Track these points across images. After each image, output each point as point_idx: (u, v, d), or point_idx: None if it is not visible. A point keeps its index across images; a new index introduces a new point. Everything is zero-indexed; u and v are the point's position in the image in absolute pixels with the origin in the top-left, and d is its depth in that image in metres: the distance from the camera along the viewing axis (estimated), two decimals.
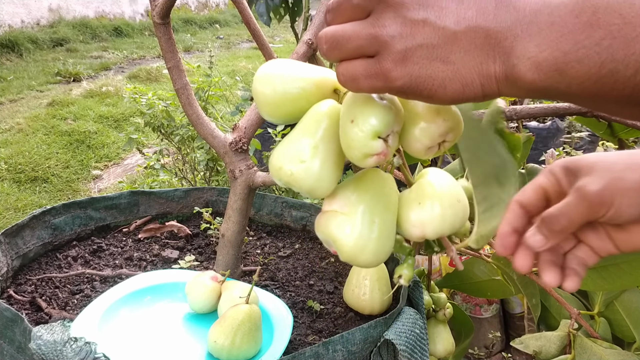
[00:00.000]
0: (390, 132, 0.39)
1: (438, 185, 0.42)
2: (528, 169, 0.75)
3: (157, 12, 0.73)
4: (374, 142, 0.38)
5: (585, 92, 0.31)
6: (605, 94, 0.30)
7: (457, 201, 0.42)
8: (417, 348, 0.65)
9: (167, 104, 1.73)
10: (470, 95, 0.34)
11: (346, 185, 0.43)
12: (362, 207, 0.41)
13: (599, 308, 0.72)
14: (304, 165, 0.41)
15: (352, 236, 0.41)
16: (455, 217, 0.41)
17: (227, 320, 0.62)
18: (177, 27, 8.31)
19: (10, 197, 2.69)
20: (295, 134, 0.42)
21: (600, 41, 0.29)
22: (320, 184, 0.41)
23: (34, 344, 0.54)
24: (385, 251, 0.42)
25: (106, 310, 0.69)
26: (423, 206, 0.41)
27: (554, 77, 0.31)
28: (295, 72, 0.43)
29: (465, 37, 0.32)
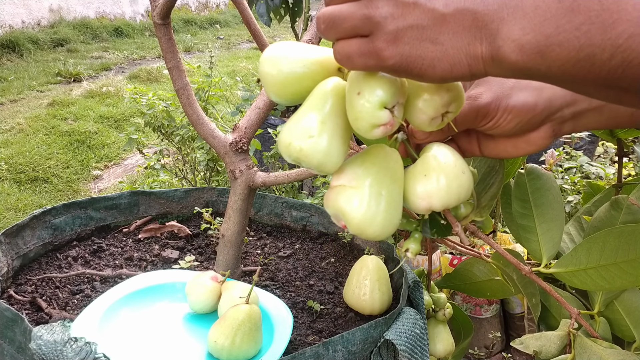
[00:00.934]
0: (396, 103, 0.40)
1: (443, 157, 0.43)
2: (528, 169, 0.75)
3: (157, 13, 0.73)
4: (381, 113, 0.39)
5: (565, 74, 0.32)
6: (583, 77, 0.32)
7: (461, 172, 0.43)
8: (417, 348, 0.65)
9: (168, 104, 1.73)
10: (458, 74, 0.36)
11: (353, 161, 0.44)
12: (369, 180, 0.42)
13: (599, 308, 0.72)
14: (313, 140, 0.42)
15: (360, 208, 0.42)
16: (461, 187, 0.42)
17: (227, 321, 0.62)
18: (177, 27, 8.31)
19: (10, 197, 2.69)
20: (303, 111, 0.43)
21: (580, 26, 0.31)
22: (328, 158, 0.42)
23: (34, 344, 0.54)
24: (393, 223, 0.43)
25: (106, 310, 0.69)
26: (429, 178, 0.42)
27: (536, 59, 0.32)
28: (300, 52, 0.45)
29: (454, 19, 0.34)
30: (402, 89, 0.40)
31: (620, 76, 0.31)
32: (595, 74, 0.31)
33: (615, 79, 0.31)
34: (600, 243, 0.61)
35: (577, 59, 0.31)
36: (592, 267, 0.62)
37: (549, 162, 1.75)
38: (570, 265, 0.64)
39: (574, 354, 0.68)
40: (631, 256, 0.59)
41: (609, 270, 0.61)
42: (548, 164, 1.76)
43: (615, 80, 0.31)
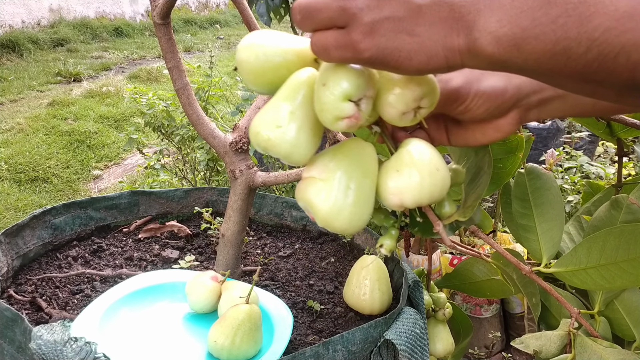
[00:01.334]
0: (363, 97, 0.39)
1: (417, 153, 0.42)
2: (527, 169, 0.75)
3: (157, 13, 0.73)
4: (345, 105, 0.39)
5: (541, 67, 0.32)
6: (559, 70, 0.32)
7: (436, 170, 0.41)
8: (417, 348, 0.65)
9: (168, 104, 1.73)
10: (435, 66, 0.35)
11: (326, 153, 0.44)
12: (339, 173, 0.42)
13: (599, 307, 0.72)
14: (281, 130, 0.41)
15: (327, 201, 0.41)
16: (434, 186, 0.41)
17: (227, 320, 0.62)
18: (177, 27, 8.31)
19: (10, 197, 2.69)
20: (274, 100, 0.43)
21: (556, 19, 0.30)
22: (296, 149, 0.42)
23: (34, 344, 0.54)
24: (362, 218, 0.43)
25: (106, 310, 0.69)
26: (401, 174, 0.41)
27: (512, 52, 0.32)
28: (277, 41, 0.44)
29: (430, 10, 0.34)
30: (370, 82, 0.39)
31: (595, 70, 0.31)
32: (571, 67, 0.31)
33: (591, 72, 0.31)
34: (601, 242, 0.61)
35: (553, 52, 0.31)
36: (593, 266, 0.62)
37: (549, 162, 1.75)
38: (571, 265, 0.64)
39: (574, 354, 0.68)
40: (631, 255, 0.59)
41: (609, 270, 0.61)
42: (548, 163, 1.76)
43: (590, 74, 0.31)
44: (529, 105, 0.46)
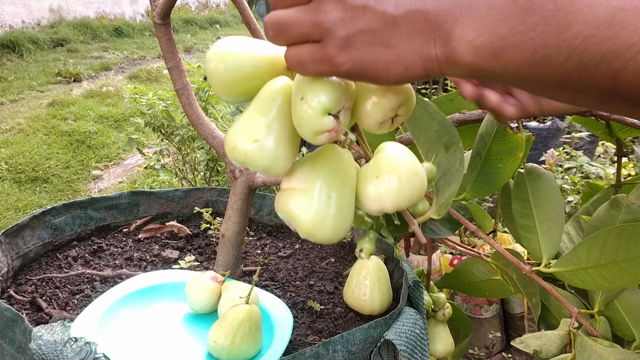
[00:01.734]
0: (341, 109, 0.38)
1: (395, 158, 0.42)
2: (527, 169, 0.75)
3: (157, 13, 0.73)
4: (324, 119, 0.38)
5: (520, 75, 0.32)
6: (539, 78, 0.31)
7: (414, 174, 0.41)
8: (417, 348, 0.65)
9: (168, 104, 1.73)
10: (414, 76, 0.35)
11: (303, 163, 0.43)
12: (319, 183, 0.41)
13: (599, 307, 0.72)
14: (258, 144, 0.40)
15: (309, 212, 0.41)
16: (413, 190, 0.41)
17: (227, 321, 0.62)
18: (177, 27, 8.31)
19: (10, 197, 2.70)
20: (249, 112, 0.42)
21: (535, 27, 0.30)
22: (275, 162, 0.41)
23: (34, 344, 0.54)
24: (344, 226, 0.42)
25: (106, 311, 0.69)
26: (380, 180, 0.41)
27: (491, 61, 0.32)
28: (248, 49, 0.43)
29: (405, 21, 0.33)
30: (347, 93, 0.39)
31: (576, 78, 0.30)
32: (551, 75, 0.31)
33: (571, 80, 0.31)
34: (601, 242, 0.61)
35: (532, 61, 0.31)
36: (593, 266, 0.62)
37: (549, 162, 1.75)
38: (571, 265, 0.64)
39: (574, 353, 0.68)
40: (631, 255, 0.59)
41: (609, 270, 0.61)
42: (548, 164, 1.76)
43: (571, 82, 0.31)
44: None
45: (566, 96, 0.33)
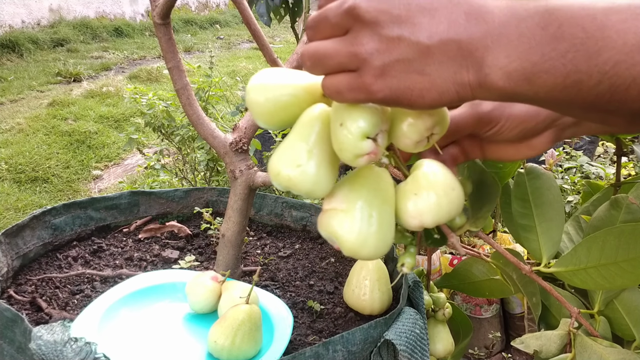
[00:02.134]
0: (379, 132, 0.40)
1: (432, 175, 0.43)
2: (527, 169, 0.75)
3: (157, 13, 0.73)
4: (364, 143, 0.40)
5: (553, 99, 0.33)
6: (571, 101, 0.33)
7: (451, 189, 0.43)
8: (417, 348, 0.65)
9: (168, 104, 1.73)
10: (447, 101, 0.36)
11: (343, 183, 0.45)
12: (360, 202, 0.43)
13: (599, 307, 0.72)
14: (301, 169, 0.42)
15: (352, 232, 0.42)
16: (451, 204, 0.43)
17: (227, 321, 0.62)
18: (177, 27, 8.31)
19: (10, 197, 2.70)
20: (290, 139, 0.44)
21: (565, 53, 0.31)
22: (318, 186, 0.43)
23: (34, 344, 0.54)
24: (386, 243, 0.44)
25: (106, 311, 0.69)
26: (419, 196, 0.42)
27: (524, 86, 0.33)
28: (285, 80, 0.45)
29: (439, 50, 0.34)
30: (384, 116, 0.41)
31: (608, 100, 0.32)
32: (583, 98, 0.32)
33: (603, 103, 0.32)
34: (600, 242, 0.61)
35: (564, 85, 0.32)
36: (592, 266, 0.62)
37: (549, 162, 1.75)
38: (571, 265, 0.64)
39: (574, 353, 0.68)
40: (631, 255, 0.59)
41: (610, 270, 0.61)
42: (548, 164, 1.76)
43: (602, 104, 0.32)
44: (565, 124, 0.47)
45: (597, 117, 0.34)
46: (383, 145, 0.41)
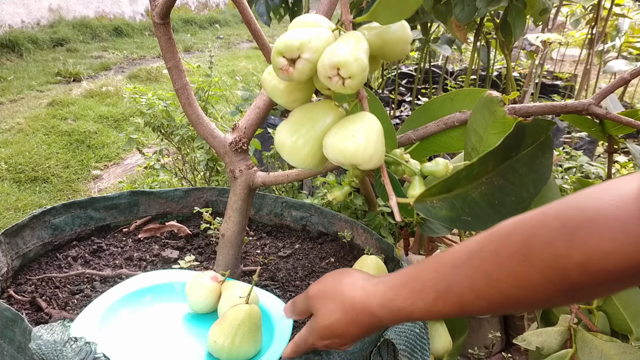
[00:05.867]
0: (297, 57, 0.50)
1: (350, 120, 0.51)
2: None
3: (157, 12, 0.73)
4: (278, 58, 0.50)
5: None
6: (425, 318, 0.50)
7: (352, 136, 0.50)
8: (417, 347, 0.65)
9: (167, 104, 1.73)
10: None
11: (303, 107, 0.56)
12: (297, 123, 0.55)
13: (598, 302, 0.73)
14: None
15: (288, 141, 0.55)
16: (346, 150, 0.50)
17: (227, 320, 0.62)
18: (177, 27, 8.31)
19: (10, 197, 2.69)
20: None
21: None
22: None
23: (34, 344, 0.54)
24: (315, 160, 0.55)
25: (106, 311, 0.69)
26: (334, 134, 0.51)
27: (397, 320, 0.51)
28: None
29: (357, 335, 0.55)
30: (303, 46, 0.49)
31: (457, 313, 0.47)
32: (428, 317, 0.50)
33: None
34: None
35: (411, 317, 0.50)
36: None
37: None
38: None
39: (575, 348, 0.68)
40: None
41: None
42: None
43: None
44: None
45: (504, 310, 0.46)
46: (302, 69, 0.50)
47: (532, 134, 0.59)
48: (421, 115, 0.80)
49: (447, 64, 3.40)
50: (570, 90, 2.94)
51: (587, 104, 0.70)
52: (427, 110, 0.79)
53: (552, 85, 3.00)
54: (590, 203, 0.38)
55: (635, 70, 0.71)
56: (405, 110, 2.68)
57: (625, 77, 0.71)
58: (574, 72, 3.26)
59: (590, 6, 2.51)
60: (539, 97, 2.75)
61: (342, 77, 0.48)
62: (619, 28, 2.81)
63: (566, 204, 0.40)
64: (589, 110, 0.70)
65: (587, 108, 0.70)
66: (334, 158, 0.52)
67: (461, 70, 3.40)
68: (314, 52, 0.49)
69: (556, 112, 0.73)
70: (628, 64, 2.18)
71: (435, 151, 0.79)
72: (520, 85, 2.90)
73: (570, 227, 0.38)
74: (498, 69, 3.11)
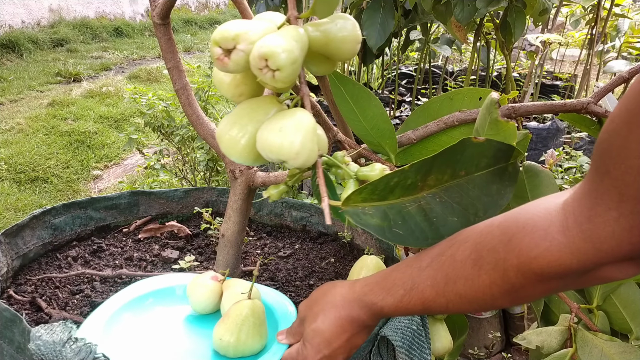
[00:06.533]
0: (232, 48, 0.49)
1: (279, 116, 0.51)
2: (526, 167, 0.75)
3: (157, 13, 0.73)
4: (214, 48, 0.50)
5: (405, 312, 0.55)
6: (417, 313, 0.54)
7: (278, 130, 0.49)
8: (415, 345, 0.65)
9: (167, 104, 1.73)
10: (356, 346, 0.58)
11: (245, 102, 0.55)
12: (236, 117, 0.54)
13: (597, 302, 0.73)
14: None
15: (228, 135, 0.54)
16: (268, 144, 0.50)
17: (230, 317, 0.62)
18: (177, 27, 8.31)
19: (10, 197, 2.70)
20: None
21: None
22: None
23: (34, 344, 0.54)
24: (252, 154, 0.54)
25: (112, 315, 0.68)
26: (262, 129, 0.51)
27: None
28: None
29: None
30: (238, 38, 0.49)
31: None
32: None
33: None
34: None
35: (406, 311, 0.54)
36: None
37: (549, 162, 1.75)
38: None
39: (576, 348, 0.68)
40: None
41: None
42: (548, 164, 1.76)
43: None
44: None
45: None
46: (237, 61, 0.49)
47: (489, 157, 0.56)
48: (421, 115, 0.80)
49: (447, 64, 3.40)
50: (570, 91, 2.94)
51: (586, 102, 0.70)
52: (427, 110, 0.79)
53: (552, 85, 3.00)
54: (523, 215, 0.44)
55: (634, 69, 0.71)
56: (405, 110, 2.68)
57: (624, 76, 0.71)
58: (574, 72, 3.26)
59: (590, 6, 2.51)
60: (538, 97, 2.76)
61: (271, 69, 0.47)
62: (619, 28, 2.81)
63: (508, 215, 0.46)
64: (588, 109, 0.70)
65: (586, 107, 0.70)
66: (262, 152, 0.51)
67: (461, 70, 3.40)
68: (250, 44, 0.49)
69: (555, 110, 0.73)
70: (628, 64, 2.18)
71: (435, 151, 0.79)
72: (520, 86, 2.90)
73: (507, 235, 0.44)
74: (498, 69, 3.11)
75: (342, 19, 0.54)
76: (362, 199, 0.51)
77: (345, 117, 0.77)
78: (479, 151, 0.55)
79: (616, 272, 0.42)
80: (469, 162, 0.55)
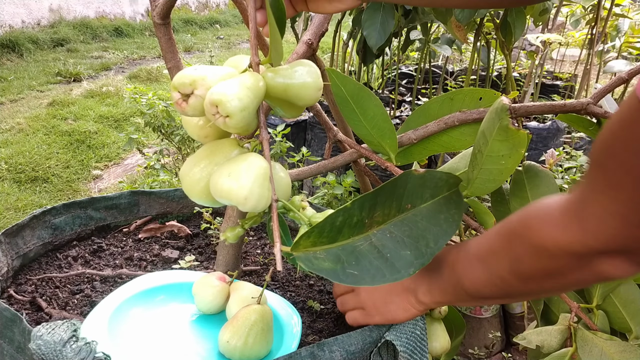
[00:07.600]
0: (191, 93, 0.50)
1: (232, 162, 0.51)
2: (525, 166, 0.75)
3: (157, 13, 0.73)
4: (173, 93, 0.51)
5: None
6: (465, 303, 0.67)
7: (227, 175, 0.50)
8: (417, 349, 0.65)
9: (167, 104, 1.73)
10: (405, 314, 0.65)
11: (210, 144, 0.56)
12: (197, 159, 0.55)
13: (597, 301, 0.73)
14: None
15: (188, 176, 0.54)
16: (217, 188, 0.50)
17: (239, 321, 0.62)
18: (177, 27, 8.31)
19: (10, 197, 2.70)
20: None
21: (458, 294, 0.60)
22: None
23: (34, 344, 0.54)
24: (210, 196, 0.53)
25: (114, 311, 0.68)
26: (214, 172, 0.52)
27: (435, 304, 0.64)
28: None
29: (395, 293, 0.65)
30: (195, 84, 0.49)
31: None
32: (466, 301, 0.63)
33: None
34: None
35: (456, 301, 0.62)
36: None
37: (549, 162, 1.75)
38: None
39: (575, 347, 0.68)
40: None
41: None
42: (548, 163, 1.76)
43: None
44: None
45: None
46: (194, 105, 0.50)
47: (431, 187, 0.57)
48: (421, 115, 0.80)
49: (447, 64, 3.40)
50: (570, 91, 2.94)
51: (585, 103, 0.71)
52: (427, 110, 0.79)
53: (552, 85, 3.00)
54: (532, 211, 0.48)
55: (634, 70, 0.71)
56: (405, 110, 2.68)
57: (623, 77, 0.71)
58: (574, 72, 3.27)
59: (590, 6, 2.51)
60: (539, 97, 2.76)
61: (222, 115, 0.48)
62: (619, 28, 2.81)
63: (524, 210, 0.50)
64: (588, 109, 0.70)
65: (585, 107, 0.70)
66: (214, 196, 0.51)
67: (461, 70, 3.40)
68: (206, 89, 0.49)
69: (555, 111, 0.73)
70: (628, 64, 2.18)
71: (436, 151, 0.79)
72: (520, 86, 2.90)
73: (520, 229, 0.49)
74: (498, 69, 3.11)
75: (302, 66, 0.54)
76: (312, 243, 0.50)
77: (346, 116, 0.77)
78: (421, 183, 0.56)
79: (611, 269, 0.44)
80: (413, 194, 0.56)
